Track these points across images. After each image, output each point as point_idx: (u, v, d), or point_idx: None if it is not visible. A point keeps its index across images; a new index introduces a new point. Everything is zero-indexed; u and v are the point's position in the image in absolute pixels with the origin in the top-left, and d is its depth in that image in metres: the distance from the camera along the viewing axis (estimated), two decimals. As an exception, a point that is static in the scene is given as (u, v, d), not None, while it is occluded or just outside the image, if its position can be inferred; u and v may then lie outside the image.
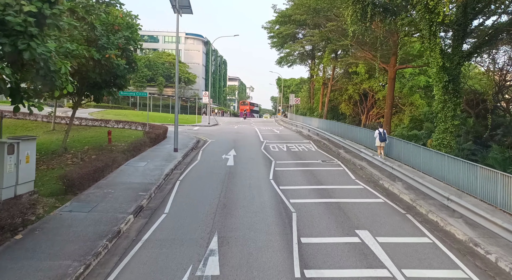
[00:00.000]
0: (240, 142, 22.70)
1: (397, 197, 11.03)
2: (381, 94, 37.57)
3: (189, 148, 19.54)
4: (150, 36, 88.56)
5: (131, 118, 37.25)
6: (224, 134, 27.33)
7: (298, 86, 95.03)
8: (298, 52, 51.94)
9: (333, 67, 41.94)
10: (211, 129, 33.07)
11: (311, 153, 19.04)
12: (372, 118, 45.08)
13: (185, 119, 43.29)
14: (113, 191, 10.95)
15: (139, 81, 67.42)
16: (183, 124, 36.55)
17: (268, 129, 34.52)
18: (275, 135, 27.78)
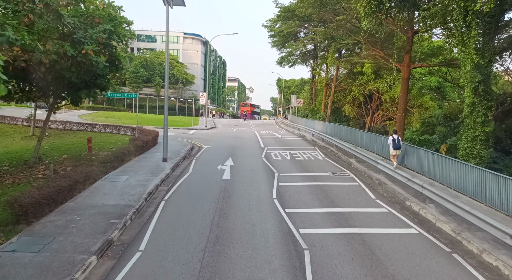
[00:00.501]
0: (238, 149, 20.54)
1: (433, 225, 8.86)
2: (388, 96, 35.45)
3: (181, 156, 17.37)
4: (148, 36, 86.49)
5: (124, 121, 35.13)
6: (222, 140, 25.17)
7: (298, 87, 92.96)
8: (300, 52, 49.86)
9: (336, 67, 39.84)
10: (208, 133, 30.91)
11: (319, 163, 16.88)
12: (377, 120, 42.98)
13: (182, 122, 41.15)
14: (79, 218, 8.78)
15: (135, 81, 65.28)
16: (178, 128, 34.39)
17: (268, 133, 32.37)
18: (276, 140, 25.63)
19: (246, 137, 26.84)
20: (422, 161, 14.03)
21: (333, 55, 37.40)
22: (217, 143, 23.33)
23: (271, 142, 24.36)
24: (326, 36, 37.04)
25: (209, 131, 32.77)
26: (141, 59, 68.19)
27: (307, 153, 19.33)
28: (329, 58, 37.48)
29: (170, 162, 15.79)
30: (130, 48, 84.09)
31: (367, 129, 43.58)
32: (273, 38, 48.28)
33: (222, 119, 66.61)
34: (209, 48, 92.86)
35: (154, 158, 16.61)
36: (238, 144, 22.84)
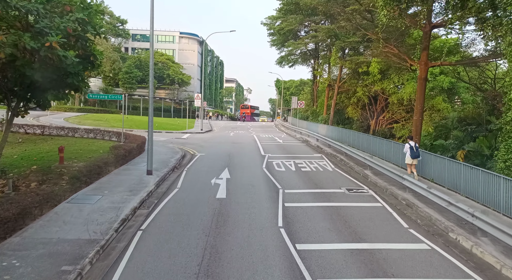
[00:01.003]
0: (236, 157, 18.27)
1: (498, 273, 6.60)
2: (395, 97, 33.23)
3: (170, 167, 15.08)
4: (143, 36, 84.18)
5: (113, 124, 32.79)
6: (218, 145, 22.88)
7: (298, 88, 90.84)
8: (300, 51, 47.70)
9: (340, 67, 37.67)
10: (203, 137, 28.61)
11: (329, 175, 14.63)
12: (382, 123, 40.83)
13: (175, 125, 38.83)
14: (19, 264, 6.47)
15: (129, 82, 62.91)
16: (171, 132, 32.06)
17: (269, 137, 30.11)
18: (278, 146, 23.38)
19: (244, 143, 24.57)
20: (449, 173, 11.80)
21: (337, 54, 35.22)
22: (212, 149, 21.05)
23: (272, 148, 22.10)
24: (329, 33, 34.87)
25: (205, 136, 30.47)
26: (135, 59, 65.82)
27: (313, 162, 17.08)
28: (333, 57, 35.31)
29: (155, 174, 13.49)
30: (125, 48, 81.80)
31: (371, 132, 41.41)
32: (272, 36, 46.10)
33: (219, 122, 64.35)
34: (206, 48, 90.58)
35: (137, 170, 14.30)
36: (235, 150, 20.57)
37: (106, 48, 52.11)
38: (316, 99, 47.68)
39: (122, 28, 72.60)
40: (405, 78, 31.58)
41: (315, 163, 16.98)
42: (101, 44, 51.26)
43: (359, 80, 38.20)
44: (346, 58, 36.65)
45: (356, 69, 36.30)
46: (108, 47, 53.46)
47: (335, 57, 35.27)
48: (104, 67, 54.36)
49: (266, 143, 25.17)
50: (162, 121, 41.78)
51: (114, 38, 76.06)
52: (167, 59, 73.74)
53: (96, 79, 69.77)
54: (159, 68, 71.52)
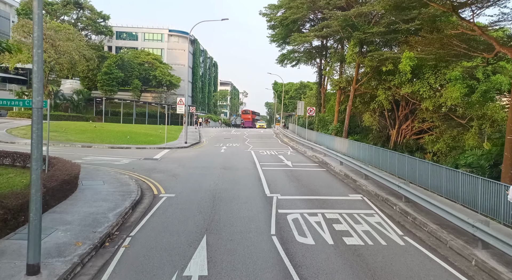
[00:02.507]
0: (224, 204, 11.02)
1: None
2: (430, 103, 26.19)
3: (97, 239, 7.74)
4: (129, 34, 76.88)
5: (69, 136, 25.43)
6: (200, 175, 15.56)
7: (298, 92, 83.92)
8: (304, 49, 40.74)
9: (357, 65, 30.66)
10: (183, 157, 21.31)
11: (405, 261, 7.44)
12: (405, 134, 33.88)
13: (154, 137, 31.52)
14: None
15: (108, 84, 55.43)
16: (144, 147, 24.71)
17: (271, 155, 22.89)
18: (288, 174, 16.14)
19: (239, 168, 17.31)
20: None
21: (355, 48, 28.19)
22: (189, 183, 13.78)
23: (280, 178, 14.87)
24: (346, 22, 27.91)
25: (187, 153, 23.17)
26: (116, 58, 58.43)
27: (359, 218, 9.84)
28: (349, 52, 28.28)
29: (47, 274, 6.18)
30: (108, 46, 74.45)
31: (392, 144, 34.47)
32: (273, 30, 39.08)
33: (211, 129, 57.04)
34: (199, 48, 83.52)
35: (12, 259, 6.93)
36: (225, 186, 13.31)
37: (79, 44, 44.70)
38: (324, 105, 40.65)
39: (104, 25, 65.23)
40: (446, 78, 24.62)
41: (363, 220, 9.72)
42: (72, 39, 43.92)
43: (380, 82, 31.25)
44: (367, 54, 29.72)
45: (378, 68, 29.34)
46: (82, 43, 46.01)
47: (352, 53, 28.26)
48: (77, 66, 46.96)
49: (269, 166, 17.97)
50: (139, 131, 34.45)
51: (95, 35, 68.77)
52: (154, 59, 66.45)
53: (74, 81, 62.35)
54: (145, 69, 64.21)
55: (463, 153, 24.31)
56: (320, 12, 34.13)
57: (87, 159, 18.19)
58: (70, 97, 49.48)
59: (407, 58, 24.98)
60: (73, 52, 43.55)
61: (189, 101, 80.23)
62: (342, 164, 17.55)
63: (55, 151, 20.22)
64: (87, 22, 62.36)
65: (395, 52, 26.77)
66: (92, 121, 48.38)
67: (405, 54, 24.99)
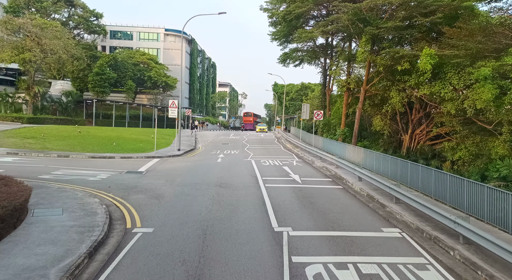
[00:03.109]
0: (217, 246, 8.10)
1: None
2: (453, 105, 23.33)
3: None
4: (123, 33, 74.02)
5: (47, 144, 22.55)
6: (190, 196, 12.65)
7: (299, 93, 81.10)
8: (306, 48, 37.96)
9: (368, 64, 27.82)
10: (172, 169, 18.39)
11: None
12: (419, 139, 31.07)
13: (144, 143, 28.60)
14: None
15: (100, 85, 52.50)
16: (131, 156, 21.78)
17: (275, 166, 19.98)
18: (298, 193, 13.20)
19: (237, 186, 14.40)
20: None
21: (367, 45, 25.34)
22: (175, 209, 10.87)
23: (289, 203, 11.94)
24: (357, 16, 25.09)
25: (178, 164, 20.25)
26: (108, 58, 55.54)
27: (412, 277, 6.90)
28: (360, 50, 25.42)
29: None
30: (102, 46, 71.60)
31: (405, 151, 31.63)
32: (274, 27, 36.28)
33: (208, 133, 54.13)
34: (196, 48, 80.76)
35: None
36: (219, 214, 10.39)
37: (67, 43, 41.77)
38: (329, 107, 37.79)
39: (97, 23, 62.34)
40: (473, 78, 21.77)
41: (415, 278, 6.82)
42: (59, 37, 41.00)
43: (393, 82, 28.44)
44: (381, 52, 26.91)
45: (392, 67, 26.53)
46: (70, 41, 43.06)
47: (364, 51, 25.40)
48: (66, 66, 44.05)
49: (274, 182, 15.06)
50: (129, 136, 31.54)
51: (88, 34, 65.94)
52: (149, 59, 63.60)
53: (65, 82, 59.43)
54: (139, 69, 61.35)
55: (490, 163, 21.45)
56: (326, 7, 31.36)
57: (57, 173, 15.28)
58: (59, 99, 46.53)
59: (427, 55, 22.18)
60: (61, 51, 40.64)
61: (186, 103, 77.35)
62: (361, 179, 14.66)
63: (21, 162, 17.31)
64: (79, 20, 59.48)
65: (412, 49, 23.94)
66: (82, 124, 45.45)
67: (424, 51, 22.18)
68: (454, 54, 21.76)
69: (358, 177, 14.85)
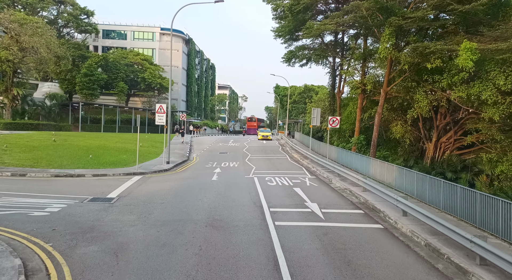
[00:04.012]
0: None
1: None
2: (497, 111, 19.27)
3: None
4: (117, 32, 70.20)
5: (5, 159, 18.56)
6: (161, 252, 8.66)
7: (301, 96, 77.12)
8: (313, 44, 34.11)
9: (389, 62, 23.85)
10: (154, 192, 14.36)
11: None
12: (446, 148, 27.15)
13: (131, 152, 24.60)
14: None
15: (88, 87, 48.55)
16: (106, 173, 17.71)
17: (284, 188, 15.97)
18: (325, 245, 9.01)
19: (236, 224, 10.38)
20: None
21: (391, 39, 21.35)
22: (139, 276, 6.88)
23: (314, 258, 7.97)
24: (378, 4, 21.18)
25: (161, 185, 16.20)
26: (98, 58, 51.65)
27: None
28: (383, 44, 21.43)
29: None
30: (94, 46, 67.75)
31: (429, 161, 27.67)
32: (279, 21, 32.41)
33: (205, 138, 50.11)
34: (194, 48, 77.03)
35: None
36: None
37: (49, 40, 37.84)
38: (339, 112, 33.81)
39: (87, 22, 58.45)
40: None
41: None
42: (41, 34, 37.07)
43: (419, 83, 24.49)
44: (404, 47, 23.00)
45: (419, 65, 22.61)
46: (53, 39, 39.07)
47: (387, 46, 21.42)
48: (48, 66, 40.15)
49: (286, 218, 11.05)
50: (113, 145, 27.58)
51: (79, 34, 62.14)
52: (144, 59, 59.73)
53: (53, 83, 55.51)
54: (132, 70, 57.47)
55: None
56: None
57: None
58: (41, 102, 42.56)
59: (467, 50, 18.15)
60: (42, 50, 36.73)
61: (184, 107, 73.43)
62: (406, 214, 10.66)
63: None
64: (68, 18, 55.59)
65: (446, 43, 20.02)
66: (67, 130, 41.49)
67: (464, 45, 18.19)
68: (499, 49, 17.90)
69: (402, 211, 10.83)
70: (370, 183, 13.39)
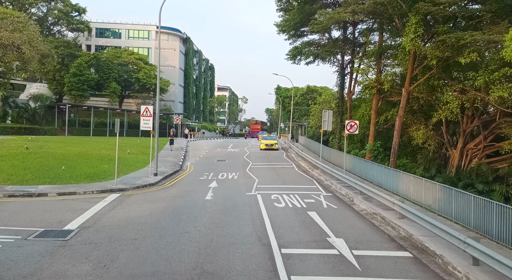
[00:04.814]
0: None
1: None
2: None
3: None
4: (111, 31, 67.07)
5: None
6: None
7: (304, 97, 73.90)
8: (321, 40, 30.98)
9: (412, 57, 20.60)
10: (128, 218, 11.10)
11: None
12: (473, 156, 23.99)
13: (115, 160, 21.30)
14: None
15: (78, 88, 45.32)
16: (74, 192, 14.40)
17: (295, 211, 12.70)
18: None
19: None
20: None
21: (418, 29, 18.10)
22: None
23: None
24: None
25: (141, 208, 12.92)
26: (89, 56, 48.47)
27: None
28: (409, 36, 18.17)
29: None
30: (86, 45, 64.62)
31: (453, 170, 24.52)
32: (283, 14, 29.27)
33: (203, 143, 46.87)
34: (192, 48, 73.92)
35: None
36: None
37: (31, 36, 34.64)
38: (349, 114, 30.57)
39: (79, 19, 55.31)
40: None
41: None
42: (22, 29, 33.88)
43: (447, 81, 21.28)
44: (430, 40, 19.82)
45: (449, 59, 19.40)
46: (36, 35, 35.84)
47: (414, 36, 18.15)
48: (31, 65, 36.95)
49: (307, 266, 7.87)
50: (97, 152, 24.35)
51: (70, 31, 59.00)
52: (138, 59, 56.58)
53: (42, 84, 52.32)
54: (126, 70, 54.29)
55: None
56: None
57: None
58: (25, 104, 39.32)
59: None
60: (24, 47, 33.55)
61: (181, 109, 70.24)
62: (478, 263, 7.45)
63: None
64: (58, 15, 52.44)
65: (484, 33, 16.85)
66: (53, 134, 38.28)
67: (511, 34, 15.04)
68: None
69: (472, 257, 7.57)
70: (414, 211, 10.12)
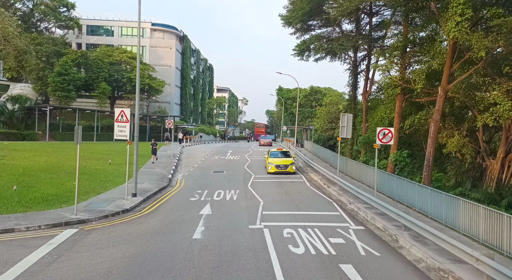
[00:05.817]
0: None
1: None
2: None
3: None
4: (102, 28, 63.22)
5: None
6: None
7: (307, 98, 69.91)
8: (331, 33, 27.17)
9: (450, 49, 16.72)
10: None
11: None
12: (517, 167, 20.06)
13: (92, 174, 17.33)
14: None
15: (62, 89, 41.43)
16: (13, 227, 10.39)
17: (324, 264, 8.87)
18: None
19: None
20: None
21: (466, 10, 14.24)
22: None
23: None
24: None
25: (97, 258, 9.04)
26: (76, 54, 44.62)
27: None
28: (455, 19, 14.33)
29: None
30: (77, 43, 60.82)
31: (494, 184, 20.64)
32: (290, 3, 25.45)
33: (199, 148, 42.98)
34: (189, 46, 70.07)
35: None
36: None
37: (6, 30, 30.79)
38: (366, 118, 26.68)
39: (67, 15, 51.55)
40: None
41: None
42: (-5, 22, 30.03)
43: (494, 78, 17.40)
44: (475, 26, 16.00)
45: (497, 53, 15.53)
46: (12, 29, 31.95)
47: (461, 19, 14.28)
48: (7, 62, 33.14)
49: None
50: (72, 163, 20.42)
51: (59, 29, 55.28)
52: (131, 57, 52.80)
53: (27, 85, 48.44)
54: (117, 69, 50.47)
55: None
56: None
57: None
58: (1, 106, 35.46)
59: None
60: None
61: (177, 111, 66.36)
62: None
63: None
64: (44, 10, 48.67)
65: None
66: (33, 139, 34.43)
67: None
68: None
69: None
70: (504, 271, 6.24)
